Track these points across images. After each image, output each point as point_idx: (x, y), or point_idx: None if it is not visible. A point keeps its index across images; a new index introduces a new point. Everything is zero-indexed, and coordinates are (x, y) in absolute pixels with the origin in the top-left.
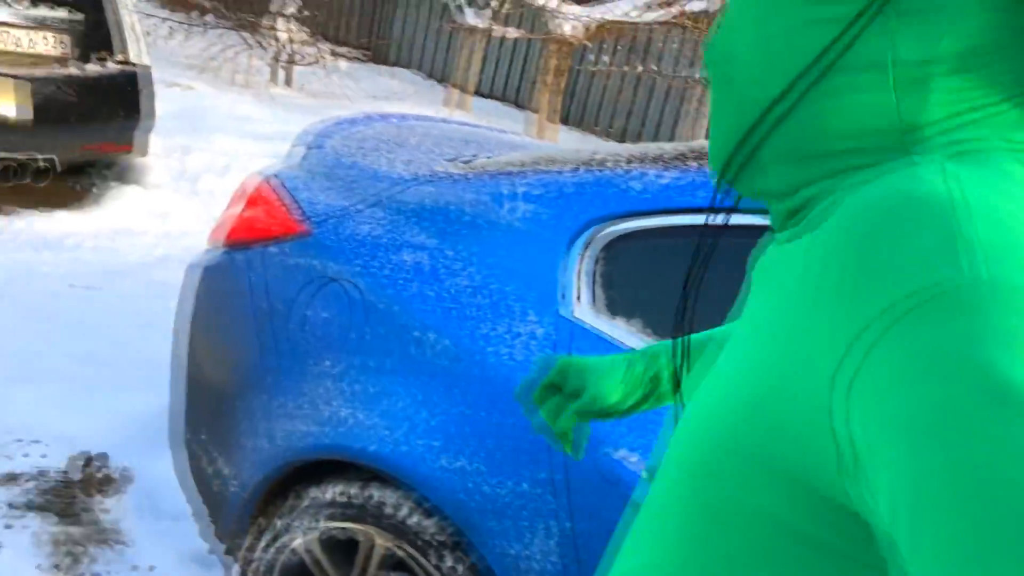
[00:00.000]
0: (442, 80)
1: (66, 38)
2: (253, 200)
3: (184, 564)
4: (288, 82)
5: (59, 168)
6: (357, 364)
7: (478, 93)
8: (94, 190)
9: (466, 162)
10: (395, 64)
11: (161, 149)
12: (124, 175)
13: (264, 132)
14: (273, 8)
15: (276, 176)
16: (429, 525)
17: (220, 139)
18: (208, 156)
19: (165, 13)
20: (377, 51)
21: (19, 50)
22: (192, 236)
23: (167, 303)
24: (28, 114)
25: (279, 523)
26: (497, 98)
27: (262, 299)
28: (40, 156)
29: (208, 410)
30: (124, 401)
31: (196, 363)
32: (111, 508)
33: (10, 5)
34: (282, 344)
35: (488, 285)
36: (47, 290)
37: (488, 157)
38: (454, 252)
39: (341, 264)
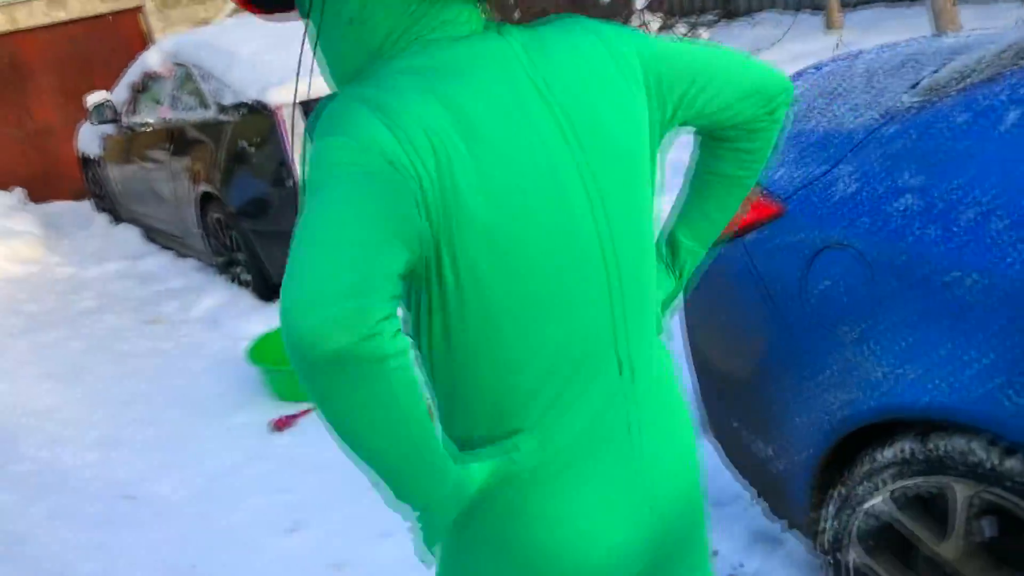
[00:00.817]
0: (798, 8)
1: None
2: None
3: (748, 544)
4: None
5: None
6: (878, 323)
7: (846, 6)
8: None
9: (913, 86)
10: (750, 12)
11: None
12: None
13: None
14: (623, 11)
15: None
16: (1015, 464)
17: None
18: None
19: None
20: (730, 7)
21: None
22: None
23: None
24: None
25: (843, 491)
26: (868, 2)
27: (756, 287)
28: None
29: (731, 401)
30: None
31: (702, 362)
32: None
33: None
34: (791, 323)
35: (999, 207)
36: None
37: (933, 73)
38: (947, 184)
39: (826, 231)
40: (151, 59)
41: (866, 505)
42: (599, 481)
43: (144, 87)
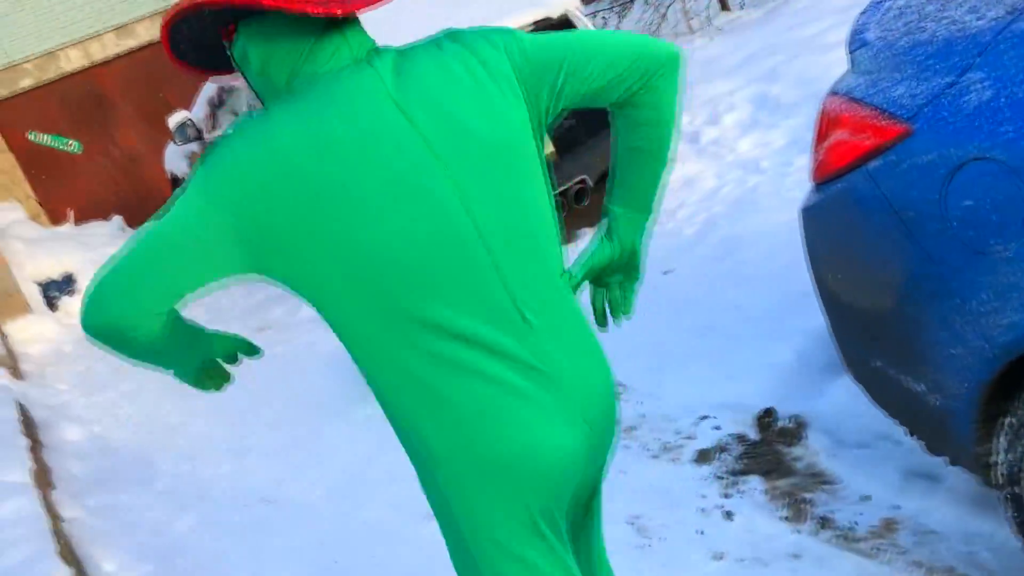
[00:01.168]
0: None
1: None
2: (831, 125)
3: (902, 485)
4: (725, 6)
5: (592, 183)
6: None
7: None
8: None
9: None
10: None
11: None
12: None
13: (731, 64)
14: None
15: (838, 93)
16: None
17: (697, 91)
18: (696, 112)
19: (590, 8)
20: None
21: None
22: (718, 189)
23: (738, 257)
24: (550, 149)
25: (1014, 420)
26: None
27: (887, 215)
28: (572, 182)
29: (871, 338)
30: (756, 357)
31: (833, 301)
32: (801, 454)
33: None
34: (932, 250)
35: None
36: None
37: None
38: None
39: (962, 146)
40: None
41: None
42: (540, 402)
43: (221, 101)
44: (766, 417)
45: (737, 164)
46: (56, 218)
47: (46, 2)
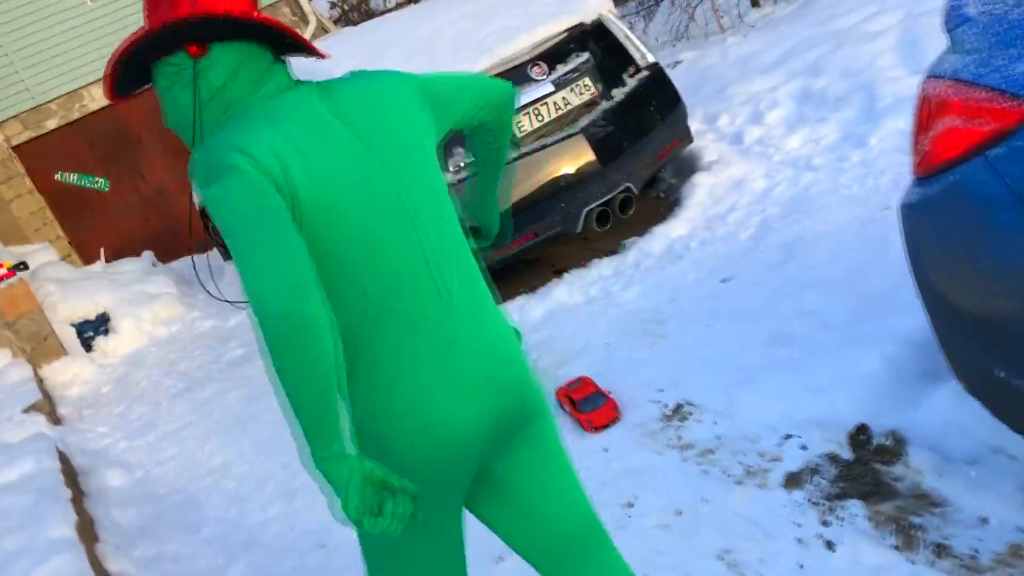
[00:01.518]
0: None
1: (587, 80)
2: (937, 112)
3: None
4: (756, 3)
5: (636, 192)
6: None
7: None
8: (662, 196)
9: None
10: None
11: (696, 128)
12: (682, 168)
13: (769, 60)
14: None
15: (941, 76)
16: None
17: (736, 90)
18: (737, 111)
19: (617, 11)
20: None
21: (562, 112)
22: (769, 189)
23: (800, 260)
24: (592, 157)
25: None
26: None
27: (1016, 206)
28: (617, 191)
29: (994, 346)
30: (840, 367)
31: (942, 305)
32: (903, 474)
33: (537, 80)
34: None
35: None
36: (694, 295)
37: None
38: None
39: None
40: None
41: None
42: (449, 375)
43: None
44: (860, 434)
45: (787, 163)
46: (87, 257)
47: (68, 42)
